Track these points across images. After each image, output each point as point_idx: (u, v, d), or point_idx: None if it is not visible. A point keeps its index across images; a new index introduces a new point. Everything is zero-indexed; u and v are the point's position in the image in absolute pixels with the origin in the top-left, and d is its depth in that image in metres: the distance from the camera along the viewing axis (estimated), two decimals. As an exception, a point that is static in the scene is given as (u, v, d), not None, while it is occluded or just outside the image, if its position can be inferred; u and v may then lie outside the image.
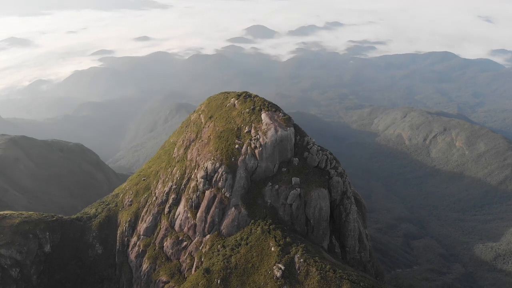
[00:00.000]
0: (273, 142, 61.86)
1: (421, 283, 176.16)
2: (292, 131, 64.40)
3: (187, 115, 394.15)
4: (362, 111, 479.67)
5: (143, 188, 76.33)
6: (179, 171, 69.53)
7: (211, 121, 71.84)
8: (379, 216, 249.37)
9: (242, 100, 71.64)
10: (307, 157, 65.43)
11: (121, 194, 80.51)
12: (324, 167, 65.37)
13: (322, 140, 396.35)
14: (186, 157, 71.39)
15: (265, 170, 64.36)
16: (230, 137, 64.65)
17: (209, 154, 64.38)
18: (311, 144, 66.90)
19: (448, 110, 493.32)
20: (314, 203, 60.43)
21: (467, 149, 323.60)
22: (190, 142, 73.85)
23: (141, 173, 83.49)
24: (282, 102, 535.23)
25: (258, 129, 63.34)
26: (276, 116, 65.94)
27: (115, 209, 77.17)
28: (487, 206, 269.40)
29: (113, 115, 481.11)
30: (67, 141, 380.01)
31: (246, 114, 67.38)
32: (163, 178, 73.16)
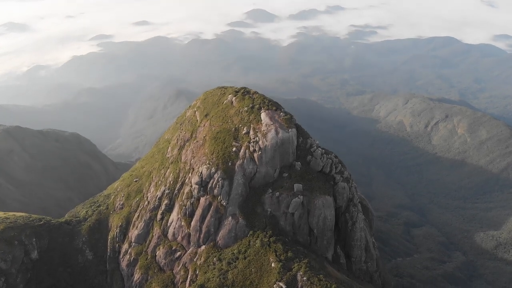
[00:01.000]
0: (273, 145, 56.09)
1: (421, 272, 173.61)
2: (294, 133, 58.45)
3: (186, 102, 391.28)
4: (363, 97, 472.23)
5: (135, 190, 71.20)
6: (173, 174, 64.00)
7: (206, 119, 66.04)
8: (380, 203, 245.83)
9: (240, 97, 65.52)
10: (310, 161, 59.74)
11: (112, 196, 75.46)
12: (328, 172, 59.86)
13: (323, 127, 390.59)
14: (180, 159, 65.93)
15: (265, 176, 58.83)
16: (227, 139, 59.00)
17: (204, 158, 58.83)
18: (315, 147, 61.02)
19: (450, 96, 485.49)
20: (318, 212, 55.06)
21: (468, 136, 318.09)
22: (184, 142, 68.29)
23: (134, 172, 78.17)
24: (282, 88, 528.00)
25: (257, 130, 57.51)
26: (276, 115, 59.96)
27: (106, 212, 72.15)
28: (488, 194, 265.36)
29: (112, 101, 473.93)
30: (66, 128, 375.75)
31: (244, 113, 61.44)
32: (155, 181, 67.86)
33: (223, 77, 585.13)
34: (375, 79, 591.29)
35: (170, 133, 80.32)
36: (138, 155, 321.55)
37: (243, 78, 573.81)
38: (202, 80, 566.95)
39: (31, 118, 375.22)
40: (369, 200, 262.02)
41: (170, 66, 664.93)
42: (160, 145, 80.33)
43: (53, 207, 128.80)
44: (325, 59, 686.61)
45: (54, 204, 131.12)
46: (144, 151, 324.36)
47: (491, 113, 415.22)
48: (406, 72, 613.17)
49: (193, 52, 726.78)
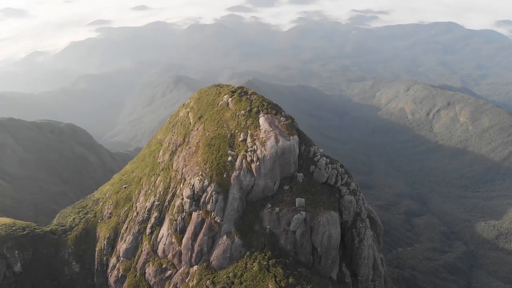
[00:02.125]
0: (273, 155, 49.67)
1: (422, 263, 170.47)
2: (295, 141, 51.80)
3: (186, 88, 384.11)
4: (364, 83, 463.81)
5: (123, 198, 65.52)
6: (163, 184, 57.91)
7: (200, 122, 59.64)
8: (380, 192, 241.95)
9: (237, 98, 58.69)
10: (313, 171, 53.37)
11: (101, 202, 69.84)
12: (334, 184, 53.99)
13: (323, 115, 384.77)
14: (172, 166, 59.86)
15: (264, 189, 52.60)
16: (222, 146, 52.75)
17: (196, 167, 52.65)
18: (319, 156, 54.35)
19: (452, 82, 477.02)
20: (322, 229, 49.02)
21: (470, 124, 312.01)
22: (176, 147, 62.15)
23: (123, 177, 72.21)
24: (283, 74, 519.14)
25: (255, 137, 51.11)
26: (276, 120, 53.31)
27: (94, 220, 66.55)
28: (489, 182, 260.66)
29: (110, 88, 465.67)
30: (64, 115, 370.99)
31: (241, 116, 54.78)
32: (145, 189, 61.97)
33: (223, 63, 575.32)
34: (377, 65, 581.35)
35: (162, 133, 74.14)
36: (137, 144, 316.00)
37: (243, 64, 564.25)
38: (201, 66, 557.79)
39: (28, 105, 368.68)
40: (369, 189, 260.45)
41: (169, 51, 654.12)
42: (152, 146, 74.29)
43: (46, 203, 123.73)
44: (326, 45, 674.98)
45: (48, 199, 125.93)
46: (143, 139, 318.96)
47: (493, 100, 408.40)
48: (407, 58, 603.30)
49: (192, 38, 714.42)
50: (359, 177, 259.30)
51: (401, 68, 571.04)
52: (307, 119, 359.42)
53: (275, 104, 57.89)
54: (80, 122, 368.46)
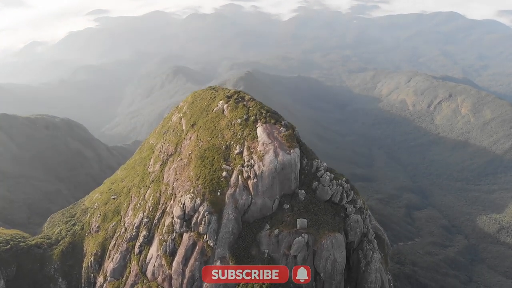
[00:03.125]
0: (271, 170, 44.47)
1: (423, 258, 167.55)
2: (296, 154, 46.08)
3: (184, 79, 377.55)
4: (365, 74, 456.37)
5: (112, 210, 60.46)
6: (152, 198, 52.55)
7: (193, 130, 54.05)
8: (381, 185, 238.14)
9: (233, 104, 52.56)
10: (316, 188, 47.95)
11: (88, 213, 64.92)
12: (339, 201, 48.51)
13: (324, 106, 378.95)
14: (162, 178, 54.58)
15: (262, 208, 47.32)
16: (216, 159, 47.30)
17: (188, 183, 47.29)
18: (322, 171, 48.66)
19: (453, 73, 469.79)
20: (326, 254, 43.78)
21: (472, 116, 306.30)
22: (167, 157, 56.79)
23: (113, 185, 66.96)
24: (283, 65, 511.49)
25: (252, 150, 45.56)
26: (275, 131, 47.37)
27: (81, 233, 61.57)
28: (491, 175, 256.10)
29: (109, 79, 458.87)
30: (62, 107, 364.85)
31: (237, 126, 48.96)
32: (134, 202, 56.84)
33: (222, 53, 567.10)
34: (378, 56, 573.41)
35: (155, 137, 68.79)
36: (136, 136, 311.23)
37: (243, 54, 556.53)
38: (200, 57, 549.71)
39: (26, 97, 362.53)
40: (369, 182, 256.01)
41: (168, 41, 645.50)
42: (143, 152, 68.91)
43: (40, 202, 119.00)
44: (327, 35, 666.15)
45: (41, 199, 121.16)
46: (142, 132, 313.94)
47: (494, 91, 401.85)
48: (409, 49, 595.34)
49: (191, 27, 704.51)
50: (359, 170, 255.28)
51: (402, 58, 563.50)
52: (307, 111, 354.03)
53: (274, 111, 51.84)
54: (78, 113, 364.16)
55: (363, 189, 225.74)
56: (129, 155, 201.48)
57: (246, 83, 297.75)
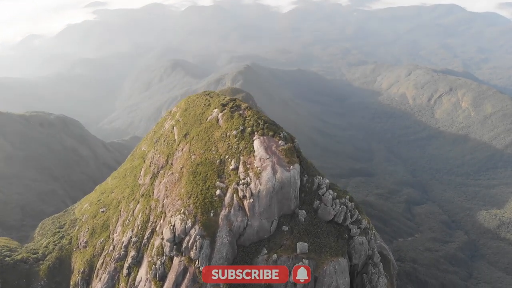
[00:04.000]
0: (269, 189, 41.16)
1: (423, 255, 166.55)
2: (296, 171, 43.20)
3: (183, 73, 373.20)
4: (365, 67, 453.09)
5: (100, 225, 57.33)
6: (142, 215, 48.87)
7: (186, 141, 50.38)
8: (380, 180, 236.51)
9: (228, 114, 48.35)
10: (318, 208, 44.64)
11: (77, 226, 61.82)
12: (342, 222, 45.34)
13: (324, 100, 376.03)
14: (152, 192, 51.19)
15: (258, 231, 43.59)
16: (209, 175, 43.42)
17: (178, 201, 43.60)
18: (324, 188, 45.50)
19: (453, 66, 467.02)
20: (328, 280, 41.01)
21: (473, 111, 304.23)
22: (158, 169, 53.40)
23: (103, 196, 63.38)
24: (282, 58, 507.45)
25: (248, 166, 41.68)
26: (274, 144, 44.08)
27: (69, 248, 58.48)
28: (491, 170, 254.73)
29: (107, 72, 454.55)
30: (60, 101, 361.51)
31: (232, 138, 45.05)
32: (123, 217, 53.51)
33: (221, 46, 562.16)
34: (377, 49, 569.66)
35: (147, 144, 65.28)
36: (134, 130, 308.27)
37: (242, 47, 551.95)
38: (199, 50, 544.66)
39: (23, 91, 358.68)
40: (369, 177, 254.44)
41: (166, 34, 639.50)
42: (135, 160, 65.24)
43: (34, 203, 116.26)
44: (326, 27, 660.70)
45: (35, 199, 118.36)
46: (140, 127, 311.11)
47: (495, 85, 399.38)
48: (409, 42, 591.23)
49: (189, 20, 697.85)
50: (359, 165, 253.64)
51: (402, 51, 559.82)
52: (307, 105, 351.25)
53: (272, 122, 47.52)
54: (76, 107, 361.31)
55: (363, 184, 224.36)
56: (126, 151, 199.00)
57: (245, 77, 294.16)
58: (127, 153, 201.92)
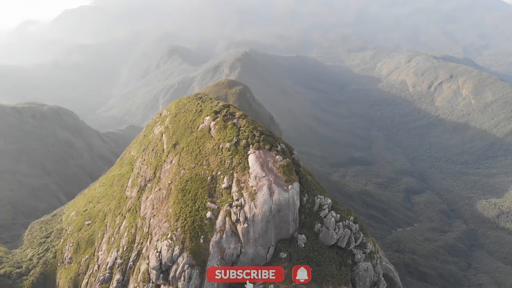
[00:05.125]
0: (265, 213, 36.19)
1: (422, 245, 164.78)
2: (296, 190, 38.05)
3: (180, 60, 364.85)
4: (365, 54, 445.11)
5: (85, 239, 52.32)
6: (127, 234, 43.50)
7: (175, 152, 44.66)
8: (380, 169, 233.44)
9: (221, 123, 42.44)
10: (319, 231, 39.62)
11: (62, 238, 56.78)
12: (345, 246, 40.48)
13: (323, 87, 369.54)
14: (139, 208, 45.87)
15: (253, 259, 38.83)
16: (199, 194, 37.85)
17: (165, 224, 38.09)
18: (326, 210, 40.15)
19: (453, 53, 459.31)
20: None
21: (473, 98, 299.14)
22: (145, 182, 47.99)
23: (89, 206, 58.25)
24: (281, 44, 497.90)
25: (242, 185, 36.06)
26: (271, 160, 38.95)
27: (53, 262, 53.69)
28: (491, 159, 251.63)
29: (104, 58, 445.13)
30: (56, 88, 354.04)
31: (225, 151, 39.78)
32: (108, 233, 48.47)
33: (219, 31, 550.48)
34: (377, 34, 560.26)
35: (136, 148, 59.76)
36: (131, 118, 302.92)
37: (240, 33, 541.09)
38: (197, 36, 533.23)
39: (20, 79, 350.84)
40: (368, 166, 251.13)
41: (163, 20, 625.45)
42: (123, 167, 59.52)
43: (26, 200, 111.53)
44: (326, 12, 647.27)
45: (28, 195, 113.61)
46: (137, 115, 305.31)
47: (495, 71, 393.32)
48: (409, 27, 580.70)
49: (187, 5, 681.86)
50: (358, 153, 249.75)
51: (403, 37, 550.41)
52: (306, 92, 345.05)
53: (269, 133, 40.80)
54: (72, 95, 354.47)
55: (362, 173, 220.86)
56: (122, 142, 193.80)
57: (244, 64, 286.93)
58: (123, 143, 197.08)
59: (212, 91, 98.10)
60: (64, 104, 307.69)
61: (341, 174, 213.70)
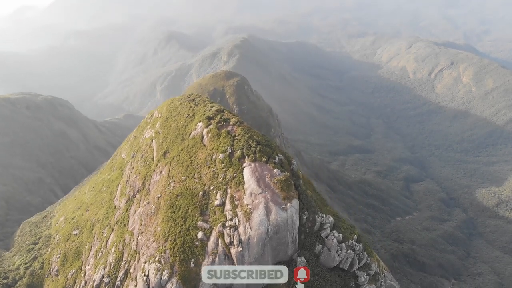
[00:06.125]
0: (262, 236, 32.04)
1: (421, 235, 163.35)
2: (295, 209, 33.81)
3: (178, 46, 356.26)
4: (365, 39, 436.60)
5: (73, 251, 48.34)
6: (115, 250, 39.07)
7: (165, 161, 39.89)
8: (379, 157, 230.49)
9: (215, 131, 39.25)
10: (320, 253, 35.80)
11: (49, 248, 52.77)
12: (349, 268, 36.73)
13: (323, 73, 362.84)
14: (127, 221, 41.72)
15: (248, 285, 34.79)
16: (190, 212, 33.14)
17: (154, 244, 33.72)
18: (328, 230, 36.09)
19: (454, 38, 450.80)
20: None
21: (474, 85, 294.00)
22: (134, 193, 43.67)
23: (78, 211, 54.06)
24: (280, 29, 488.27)
25: (237, 202, 31.38)
26: (267, 174, 34.57)
27: (41, 273, 49.85)
28: (491, 147, 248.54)
29: (100, 44, 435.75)
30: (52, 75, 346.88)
31: (218, 163, 36.38)
32: (96, 246, 44.38)
33: (217, 16, 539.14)
34: (378, 19, 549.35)
35: (126, 151, 55.15)
36: (128, 106, 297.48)
37: (239, 18, 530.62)
38: (194, 20, 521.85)
39: (15, 66, 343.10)
40: (368, 154, 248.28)
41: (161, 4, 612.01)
42: (113, 171, 54.83)
43: (20, 194, 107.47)
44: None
45: (22, 190, 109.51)
46: (134, 102, 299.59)
47: (496, 57, 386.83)
48: (409, 12, 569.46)
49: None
50: (357, 141, 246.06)
51: (403, 22, 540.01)
52: (306, 79, 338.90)
53: (266, 142, 38.18)
54: (69, 82, 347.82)
55: (361, 162, 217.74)
56: (119, 132, 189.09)
57: (242, 51, 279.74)
58: (120, 133, 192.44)
59: (209, 83, 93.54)
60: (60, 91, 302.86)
61: (340, 163, 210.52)
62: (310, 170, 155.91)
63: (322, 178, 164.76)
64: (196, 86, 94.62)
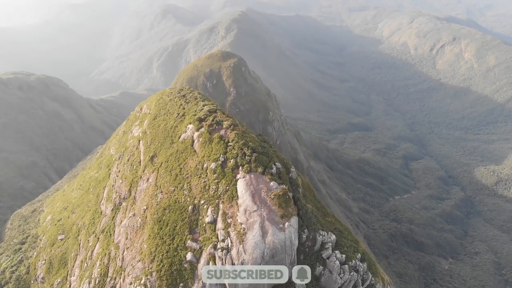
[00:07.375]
0: (257, 260, 27.26)
1: (420, 214, 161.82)
2: (293, 228, 29.22)
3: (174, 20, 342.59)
4: (366, 13, 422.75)
5: (58, 257, 43.96)
6: (100, 264, 34.17)
7: (152, 167, 34.53)
8: (378, 135, 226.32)
9: (207, 135, 34.21)
10: (321, 275, 30.74)
11: (35, 252, 48.45)
12: None
13: (322, 49, 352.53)
14: (113, 231, 37.13)
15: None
16: (178, 228, 27.88)
17: (139, 264, 28.77)
18: (330, 250, 31.47)
19: (456, 13, 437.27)
20: None
21: (475, 62, 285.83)
22: (120, 200, 38.85)
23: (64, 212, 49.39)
24: (279, 1, 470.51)
25: (230, 221, 25.94)
26: (264, 187, 29.86)
27: (26, 279, 46.02)
28: (491, 124, 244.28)
29: (96, 18, 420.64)
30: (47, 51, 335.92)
31: (210, 173, 30.98)
32: (82, 255, 39.94)
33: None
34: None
35: (115, 146, 49.95)
36: (125, 83, 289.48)
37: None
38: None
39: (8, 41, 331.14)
40: (367, 131, 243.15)
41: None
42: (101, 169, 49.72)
43: (13, 179, 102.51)
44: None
45: (14, 174, 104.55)
46: (131, 78, 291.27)
47: (498, 33, 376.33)
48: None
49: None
50: (357, 119, 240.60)
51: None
52: (305, 54, 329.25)
53: (262, 150, 33.11)
54: (65, 57, 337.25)
55: (360, 140, 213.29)
56: (116, 110, 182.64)
57: (240, 25, 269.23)
58: (116, 112, 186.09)
59: (205, 64, 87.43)
60: (56, 68, 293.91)
61: (339, 141, 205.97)
62: (309, 149, 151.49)
63: (321, 157, 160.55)
64: (192, 67, 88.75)
